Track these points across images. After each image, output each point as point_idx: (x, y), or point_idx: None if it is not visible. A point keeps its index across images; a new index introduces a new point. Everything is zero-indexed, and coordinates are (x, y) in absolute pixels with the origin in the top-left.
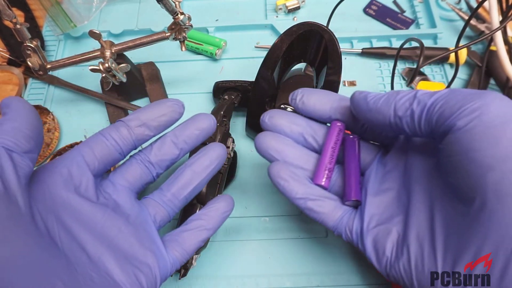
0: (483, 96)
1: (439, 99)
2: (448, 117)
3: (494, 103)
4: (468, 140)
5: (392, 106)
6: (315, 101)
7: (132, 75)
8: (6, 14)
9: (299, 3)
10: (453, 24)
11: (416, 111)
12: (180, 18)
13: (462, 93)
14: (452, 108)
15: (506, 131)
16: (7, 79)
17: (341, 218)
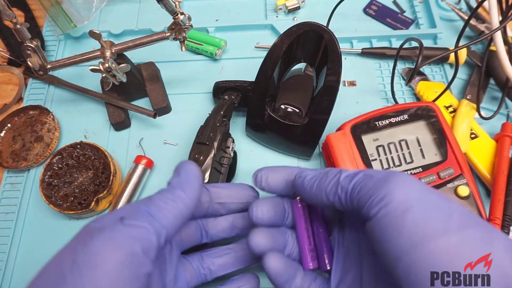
0: (387, 183)
1: (356, 185)
2: (363, 206)
3: (397, 190)
4: (378, 230)
5: (323, 192)
6: (274, 181)
7: (132, 75)
8: (6, 14)
9: (299, 3)
10: (453, 24)
11: (342, 197)
12: (180, 18)
13: (373, 179)
14: (365, 196)
15: (406, 222)
16: (7, 79)
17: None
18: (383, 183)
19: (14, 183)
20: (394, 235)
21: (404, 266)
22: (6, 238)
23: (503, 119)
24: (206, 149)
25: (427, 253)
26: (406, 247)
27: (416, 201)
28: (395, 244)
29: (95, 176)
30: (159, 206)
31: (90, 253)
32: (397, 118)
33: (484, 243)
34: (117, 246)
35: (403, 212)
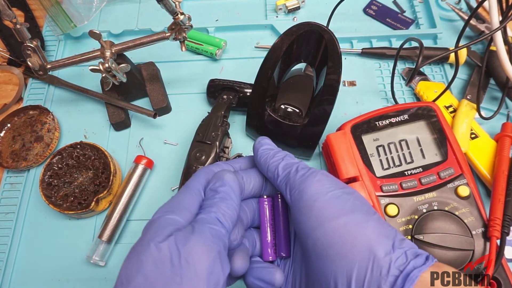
0: (307, 179)
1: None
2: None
3: (312, 185)
4: (295, 214)
5: (266, 167)
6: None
7: (132, 75)
8: (6, 14)
9: (299, 3)
10: (453, 24)
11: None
12: (180, 18)
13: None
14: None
15: (313, 208)
16: (7, 79)
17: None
18: (304, 179)
19: (14, 183)
20: (306, 215)
21: (312, 241)
22: (6, 238)
23: (503, 119)
24: (208, 148)
25: (326, 230)
26: (313, 226)
27: (323, 194)
28: (306, 223)
29: (95, 176)
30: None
31: (193, 251)
32: (397, 118)
33: (362, 223)
34: (211, 243)
35: (313, 201)
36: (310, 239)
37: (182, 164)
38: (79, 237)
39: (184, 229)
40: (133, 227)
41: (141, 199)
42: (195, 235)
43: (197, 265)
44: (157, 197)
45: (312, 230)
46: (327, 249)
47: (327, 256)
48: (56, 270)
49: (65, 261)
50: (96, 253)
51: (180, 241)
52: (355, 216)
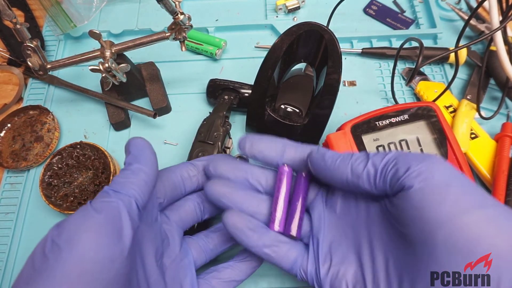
0: (430, 159)
1: (390, 161)
2: (401, 177)
3: (440, 166)
4: (419, 199)
5: (348, 166)
6: (262, 148)
7: (132, 75)
8: (6, 14)
9: (299, 3)
10: (453, 24)
11: (371, 171)
12: (180, 18)
13: (411, 155)
14: (403, 168)
15: (449, 193)
16: (7, 79)
17: (295, 261)
18: (423, 160)
19: (14, 183)
20: (437, 202)
21: (445, 233)
22: (6, 238)
23: (503, 119)
24: (210, 148)
25: (468, 222)
26: (450, 215)
27: (456, 178)
28: (439, 211)
29: (95, 176)
30: (121, 182)
31: (64, 231)
32: (397, 118)
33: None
34: (89, 217)
35: (446, 184)
36: (443, 231)
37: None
38: None
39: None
40: None
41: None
42: (70, 217)
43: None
44: None
45: (447, 220)
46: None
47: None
48: None
49: None
50: None
51: (55, 228)
52: (502, 208)
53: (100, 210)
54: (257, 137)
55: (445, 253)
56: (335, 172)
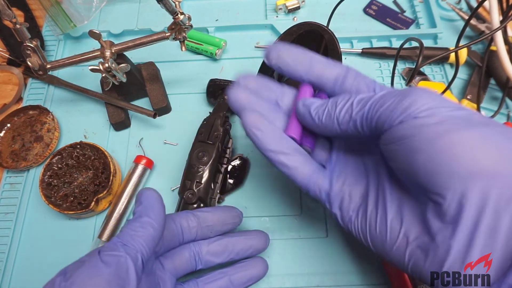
0: (411, 92)
1: (373, 105)
2: (385, 120)
3: (422, 97)
4: (401, 131)
5: (335, 121)
6: (289, 60)
7: (132, 75)
8: (6, 14)
9: (299, 3)
10: (453, 24)
11: (357, 121)
12: (180, 18)
13: (394, 93)
14: (386, 111)
15: (431, 118)
16: (7, 79)
17: (311, 175)
18: (405, 95)
19: (14, 183)
20: (418, 129)
21: (425, 155)
22: (6, 238)
23: (504, 119)
24: (210, 148)
25: (448, 143)
26: (429, 138)
27: (440, 105)
28: (419, 138)
29: (95, 176)
30: (130, 234)
31: (74, 285)
32: None
33: (505, 137)
34: (98, 272)
35: (428, 113)
36: (421, 155)
37: (182, 164)
38: (79, 237)
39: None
40: None
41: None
42: (80, 269)
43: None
44: None
45: (426, 143)
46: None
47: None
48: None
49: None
50: None
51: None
52: (493, 127)
53: (109, 264)
54: (286, 47)
55: (426, 177)
56: (324, 128)
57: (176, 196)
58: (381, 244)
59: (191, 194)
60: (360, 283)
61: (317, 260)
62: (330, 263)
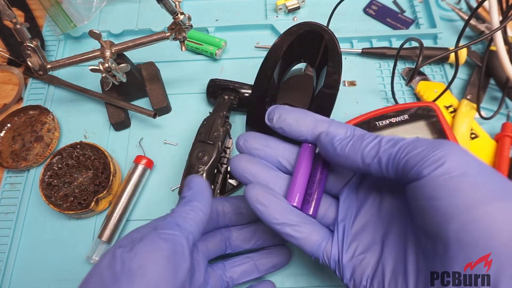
0: (445, 145)
1: (403, 147)
2: (414, 166)
3: (455, 154)
4: (431, 188)
5: (359, 153)
6: (292, 121)
7: (132, 75)
8: (6, 14)
9: (299, 3)
10: (453, 24)
11: (383, 159)
12: (180, 18)
13: (425, 142)
14: (416, 157)
15: (464, 182)
16: (7, 79)
17: (319, 244)
18: (438, 146)
19: (14, 183)
20: (451, 192)
21: (458, 224)
22: (6, 238)
23: (503, 119)
24: (210, 148)
25: (483, 214)
26: (463, 205)
27: (473, 165)
28: (451, 202)
29: (95, 176)
30: (183, 217)
31: (137, 257)
32: (397, 118)
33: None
34: (159, 248)
35: (462, 173)
36: (454, 223)
37: (182, 164)
38: (79, 237)
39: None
40: (133, 227)
41: (141, 199)
42: (141, 243)
43: (138, 272)
44: (157, 197)
45: (460, 211)
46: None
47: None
48: (56, 270)
49: (65, 261)
50: (96, 253)
51: (125, 250)
52: None
53: (167, 241)
54: (288, 108)
55: (457, 247)
56: (345, 159)
57: (176, 196)
58: None
59: None
60: None
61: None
62: None
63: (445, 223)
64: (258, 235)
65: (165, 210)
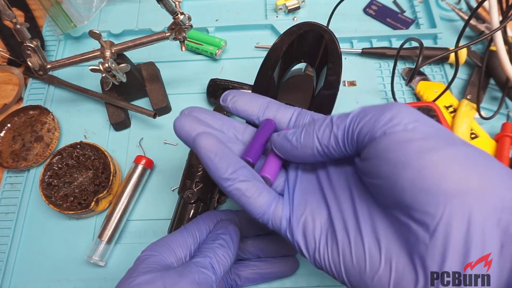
0: (392, 106)
1: (354, 118)
2: (368, 131)
3: (403, 111)
4: (385, 144)
5: (315, 138)
6: (244, 103)
7: (132, 75)
8: (6, 14)
9: (299, 3)
10: (453, 24)
11: (338, 134)
12: (180, 18)
13: (374, 107)
14: (369, 122)
15: (416, 132)
16: (7, 79)
17: (270, 204)
18: (386, 108)
19: (14, 183)
20: (403, 144)
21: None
22: (6, 238)
23: (503, 119)
24: None
25: (435, 159)
26: (416, 153)
27: (423, 120)
28: (404, 152)
29: (95, 176)
30: (217, 260)
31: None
32: None
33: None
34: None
35: (413, 127)
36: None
37: (182, 164)
38: (79, 237)
39: (173, 270)
40: (133, 227)
41: (141, 199)
42: (183, 278)
43: None
44: (157, 197)
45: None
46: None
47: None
48: (56, 270)
49: (65, 261)
50: (96, 253)
51: (168, 283)
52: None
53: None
54: (241, 91)
55: (411, 193)
56: (302, 149)
57: (176, 196)
58: (358, 276)
59: (191, 194)
60: None
61: None
62: None
63: (400, 173)
64: (263, 246)
65: (165, 210)
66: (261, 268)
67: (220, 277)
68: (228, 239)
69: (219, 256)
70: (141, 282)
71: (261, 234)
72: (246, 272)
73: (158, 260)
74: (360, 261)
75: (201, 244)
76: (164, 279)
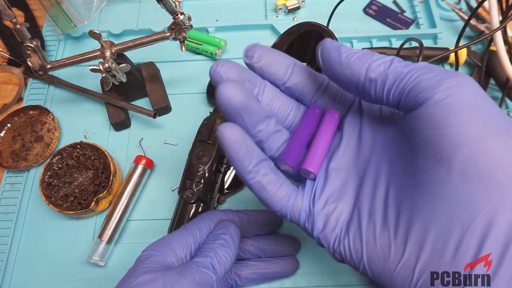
0: (458, 75)
1: (416, 69)
2: (423, 90)
3: (469, 84)
4: (442, 115)
5: (366, 65)
6: (271, 61)
7: (132, 75)
8: (6, 14)
9: (299, 3)
10: (453, 24)
11: (390, 76)
12: (180, 18)
13: (438, 69)
14: (429, 81)
15: (478, 113)
16: (7, 79)
17: (289, 197)
18: (452, 74)
19: (14, 183)
20: (464, 121)
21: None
22: (6, 238)
23: None
24: (210, 148)
25: (493, 145)
26: (474, 136)
27: (485, 99)
28: (463, 131)
29: (95, 176)
30: (218, 260)
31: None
32: None
33: None
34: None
35: (475, 104)
36: (462, 152)
37: (182, 164)
38: (79, 237)
39: (174, 270)
40: (133, 227)
41: (141, 199)
42: (184, 278)
43: None
44: (157, 197)
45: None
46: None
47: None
48: (56, 270)
49: (65, 261)
50: (96, 253)
51: (169, 283)
52: None
53: (201, 281)
54: (268, 48)
55: (459, 179)
56: (347, 69)
57: (176, 196)
58: (382, 263)
59: (191, 194)
60: (360, 283)
61: (317, 260)
62: (330, 263)
63: (451, 153)
64: (264, 246)
65: (165, 210)
66: (261, 268)
67: (220, 277)
68: (228, 239)
69: (219, 256)
70: (141, 282)
71: (261, 234)
72: (246, 272)
73: (159, 259)
74: (384, 247)
75: (201, 244)
76: (165, 278)
